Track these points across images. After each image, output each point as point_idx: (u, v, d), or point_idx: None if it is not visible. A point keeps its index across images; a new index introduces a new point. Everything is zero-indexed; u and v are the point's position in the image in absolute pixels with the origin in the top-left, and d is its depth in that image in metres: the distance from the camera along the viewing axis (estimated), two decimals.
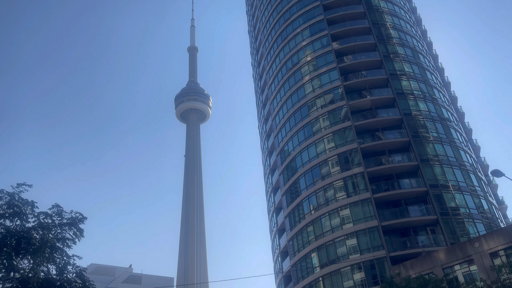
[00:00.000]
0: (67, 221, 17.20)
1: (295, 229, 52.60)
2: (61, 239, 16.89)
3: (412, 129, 50.23)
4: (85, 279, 16.52)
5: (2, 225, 16.02)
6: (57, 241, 16.69)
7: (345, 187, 48.78)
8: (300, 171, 54.23)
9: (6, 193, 16.58)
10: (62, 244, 16.87)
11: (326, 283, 46.05)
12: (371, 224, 45.05)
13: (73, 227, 17.19)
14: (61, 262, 16.47)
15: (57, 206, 17.33)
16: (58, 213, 17.21)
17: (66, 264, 16.58)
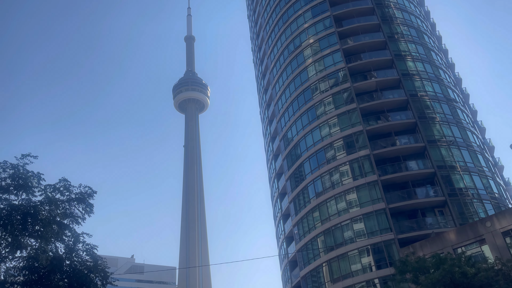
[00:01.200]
0: (75, 196, 16.21)
1: (300, 214, 51.98)
2: (70, 215, 15.96)
3: (418, 110, 49.38)
4: (97, 257, 15.63)
5: (6, 200, 15.02)
6: (65, 217, 15.72)
7: (351, 170, 48.05)
8: (304, 155, 53.43)
9: (9, 165, 15.49)
10: (71, 221, 15.94)
11: (333, 267, 45.57)
12: (378, 206, 44.43)
13: (82, 203, 16.24)
14: (70, 240, 15.59)
15: (65, 181, 16.28)
16: (66, 188, 16.17)
17: (76, 242, 15.69)
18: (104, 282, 15.64)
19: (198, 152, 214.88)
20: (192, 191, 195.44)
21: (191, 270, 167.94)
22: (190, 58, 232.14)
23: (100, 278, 15.53)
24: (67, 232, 15.46)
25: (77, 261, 15.43)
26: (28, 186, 15.19)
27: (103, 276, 15.52)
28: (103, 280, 15.65)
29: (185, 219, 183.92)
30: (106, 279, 15.70)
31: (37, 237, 14.40)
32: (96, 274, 15.32)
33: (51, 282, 14.61)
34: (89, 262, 15.58)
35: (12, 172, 15.32)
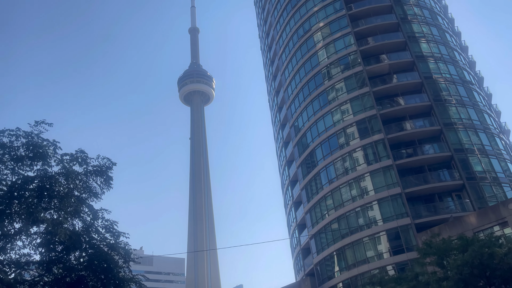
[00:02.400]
0: (93, 168, 15.19)
1: (313, 201, 51.08)
2: (88, 189, 14.93)
3: (434, 92, 48.06)
4: (118, 233, 14.56)
5: (20, 170, 13.95)
6: (83, 191, 14.69)
7: (365, 155, 46.98)
8: (316, 141, 52.37)
9: (23, 133, 14.27)
10: (89, 196, 14.92)
11: (348, 254, 44.73)
12: (394, 191, 43.39)
13: (101, 176, 15.12)
14: (89, 215, 14.60)
15: (81, 152, 15.11)
16: (83, 159, 14.98)
17: (95, 218, 14.71)
18: (126, 259, 14.65)
19: (204, 144, 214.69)
20: (199, 182, 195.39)
21: (199, 262, 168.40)
22: (195, 50, 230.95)
23: (122, 256, 14.55)
24: (84, 208, 14.47)
25: (96, 238, 14.48)
26: (43, 156, 14.03)
27: (125, 253, 14.52)
28: (125, 257, 14.67)
29: (193, 210, 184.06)
30: (128, 256, 14.67)
31: (55, 210, 13.47)
32: (117, 252, 14.34)
33: (69, 261, 13.76)
34: (110, 240, 14.61)
35: (26, 140, 14.18)
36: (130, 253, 14.99)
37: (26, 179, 13.84)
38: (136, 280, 14.97)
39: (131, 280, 14.70)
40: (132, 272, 15.13)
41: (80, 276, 13.59)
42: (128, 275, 14.63)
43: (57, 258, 13.73)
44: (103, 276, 13.78)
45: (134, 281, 14.85)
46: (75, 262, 14.08)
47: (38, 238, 13.75)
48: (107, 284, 13.85)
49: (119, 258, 14.60)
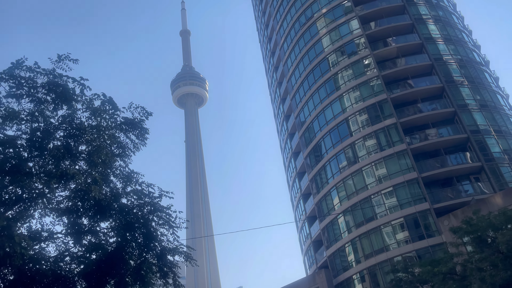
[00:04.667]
0: (124, 120, 12.79)
1: (323, 191, 49.29)
2: (119, 144, 12.65)
3: (445, 74, 46.65)
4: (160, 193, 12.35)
5: (41, 114, 11.46)
6: (115, 146, 12.47)
7: (377, 140, 45.34)
8: (324, 130, 50.63)
9: (42, 70, 11.82)
10: (122, 151, 12.74)
11: (364, 243, 42.96)
12: (409, 176, 41.77)
13: (135, 128, 12.75)
14: (121, 175, 12.39)
15: (110, 101, 12.44)
16: (113, 106, 12.53)
17: (129, 179, 12.52)
18: (171, 224, 12.39)
19: (199, 146, 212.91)
20: (195, 185, 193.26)
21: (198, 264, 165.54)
22: (187, 53, 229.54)
23: (165, 221, 12.35)
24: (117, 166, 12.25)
25: (133, 200, 12.25)
26: (69, 98, 11.62)
27: (168, 218, 12.33)
28: (169, 223, 12.42)
29: (190, 213, 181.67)
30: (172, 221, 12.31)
31: (85, 163, 11.31)
32: (159, 216, 12.19)
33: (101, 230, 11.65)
34: (148, 205, 12.26)
35: (47, 79, 11.72)
36: (174, 218, 12.74)
37: (49, 126, 11.59)
38: (182, 250, 12.79)
39: (176, 250, 12.60)
40: None
41: (115, 246, 11.49)
42: (172, 244, 12.48)
43: (88, 227, 11.59)
44: (143, 245, 11.67)
45: (179, 252, 12.72)
46: (110, 230, 11.96)
47: (64, 201, 11.57)
48: (148, 254, 11.77)
49: (162, 224, 12.46)
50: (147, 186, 12.68)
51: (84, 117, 12.27)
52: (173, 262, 12.45)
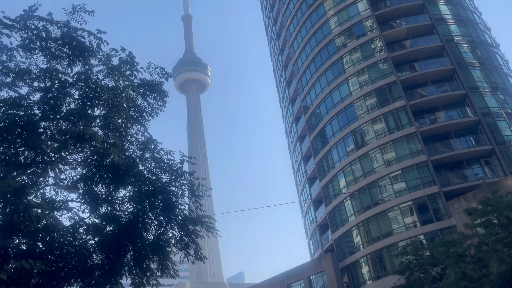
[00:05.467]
0: (140, 81, 11.89)
1: (330, 175, 48.78)
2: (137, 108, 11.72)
3: (456, 56, 45.66)
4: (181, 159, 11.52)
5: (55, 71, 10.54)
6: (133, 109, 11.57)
7: (385, 123, 44.59)
8: (331, 113, 49.85)
9: (55, 23, 10.78)
10: (139, 115, 11.85)
11: (371, 226, 42.57)
12: (419, 159, 41.15)
13: (153, 91, 11.83)
14: (136, 143, 11.61)
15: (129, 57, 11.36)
16: (129, 63, 11.48)
17: (145, 146, 11.64)
18: (193, 193, 11.68)
19: (201, 132, 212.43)
20: (197, 173, 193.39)
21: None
22: (189, 38, 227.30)
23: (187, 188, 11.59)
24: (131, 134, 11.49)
25: (152, 168, 11.39)
26: (85, 51, 10.69)
27: (190, 186, 11.59)
28: (191, 191, 11.67)
29: None
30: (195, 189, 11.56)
31: (102, 125, 10.57)
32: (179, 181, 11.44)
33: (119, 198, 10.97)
34: (168, 171, 11.47)
35: (61, 32, 10.76)
36: (197, 185, 11.94)
37: (63, 86, 10.71)
38: (205, 220, 12.00)
39: (198, 220, 11.81)
40: None
41: (133, 217, 10.85)
42: (194, 214, 11.77)
43: (104, 196, 10.91)
44: (163, 215, 11.00)
45: (201, 222, 11.95)
46: (127, 199, 11.29)
47: (79, 168, 10.89)
48: (168, 225, 11.14)
49: (182, 192, 11.71)
50: (166, 153, 11.85)
51: (101, 75, 11.37)
52: (196, 232, 11.72)
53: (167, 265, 11.47)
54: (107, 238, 10.87)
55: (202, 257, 11.73)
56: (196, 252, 11.77)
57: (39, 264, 8.58)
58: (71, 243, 10.41)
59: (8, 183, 8.37)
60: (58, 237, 10.22)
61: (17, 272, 8.49)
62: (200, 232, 11.69)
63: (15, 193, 8.86)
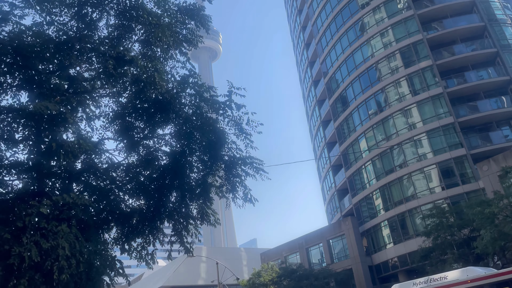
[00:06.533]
0: (178, 7, 10.62)
1: (350, 139, 47.70)
2: (177, 36, 10.42)
3: (487, 13, 43.07)
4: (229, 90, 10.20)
5: None
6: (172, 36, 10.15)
7: (411, 84, 42.88)
8: (353, 75, 48.14)
9: None
10: (180, 43, 10.72)
11: (394, 190, 41.78)
12: (445, 121, 39.67)
13: (192, 17, 10.68)
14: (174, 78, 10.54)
15: None
16: None
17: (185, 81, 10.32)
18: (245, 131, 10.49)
19: None
20: None
21: None
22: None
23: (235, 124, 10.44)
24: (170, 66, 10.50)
25: (197, 101, 10.17)
26: None
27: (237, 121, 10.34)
28: (239, 128, 10.48)
29: None
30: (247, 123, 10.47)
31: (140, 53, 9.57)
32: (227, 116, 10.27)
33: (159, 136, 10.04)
34: (214, 105, 10.15)
35: None
36: (247, 120, 10.67)
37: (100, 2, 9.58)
38: (253, 161, 10.75)
39: (246, 161, 10.63)
40: None
41: (176, 156, 9.99)
42: (241, 154, 10.72)
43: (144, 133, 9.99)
44: (208, 154, 10.07)
45: (250, 164, 10.77)
46: (169, 137, 10.42)
47: (118, 97, 10.00)
48: (212, 166, 10.25)
49: (230, 129, 10.60)
50: (208, 88, 10.60)
51: None
52: (246, 171, 10.69)
53: (208, 212, 10.74)
54: (146, 181, 10.14)
55: (251, 199, 10.76)
56: (245, 195, 10.81)
57: (82, 198, 7.94)
58: (108, 187, 9.71)
59: (46, 105, 7.61)
60: (94, 179, 9.54)
61: (57, 207, 7.85)
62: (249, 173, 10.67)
63: (52, 120, 8.12)
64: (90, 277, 8.24)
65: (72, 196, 7.84)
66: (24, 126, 8.68)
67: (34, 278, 7.47)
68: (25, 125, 8.63)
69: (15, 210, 7.85)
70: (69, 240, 7.52)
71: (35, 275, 7.54)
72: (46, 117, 7.92)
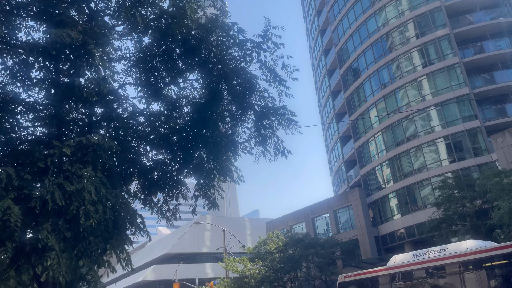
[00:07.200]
0: None
1: (361, 109, 46.86)
2: None
3: None
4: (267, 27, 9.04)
5: None
6: None
7: (425, 54, 41.59)
8: (366, 43, 46.76)
9: None
10: None
11: (404, 162, 41.27)
12: (460, 92, 38.68)
13: None
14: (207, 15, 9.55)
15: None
16: None
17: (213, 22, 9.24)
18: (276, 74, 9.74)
19: None
20: None
21: None
22: None
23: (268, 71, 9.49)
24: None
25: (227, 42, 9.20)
26: None
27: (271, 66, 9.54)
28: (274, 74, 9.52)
29: None
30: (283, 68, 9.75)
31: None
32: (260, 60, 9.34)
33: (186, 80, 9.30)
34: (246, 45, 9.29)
35: None
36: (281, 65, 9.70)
37: None
38: (287, 113, 9.81)
39: (279, 111, 9.74)
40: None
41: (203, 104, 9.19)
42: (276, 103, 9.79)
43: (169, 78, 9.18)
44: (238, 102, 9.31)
45: (282, 114, 9.84)
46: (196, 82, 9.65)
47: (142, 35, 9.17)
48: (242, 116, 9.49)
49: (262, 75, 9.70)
50: (237, 31, 9.67)
51: None
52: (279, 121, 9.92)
53: (231, 169, 10.13)
54: (169, 133, 9.50)
55: (284, 151, 10.07)
56: (276, 147, 10.09)
57: (108, 140, 7.35)
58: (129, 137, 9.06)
59: (68, 33, 6.88)
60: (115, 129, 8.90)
61: (81, 148, 7.25)
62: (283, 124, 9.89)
63: (73, 54, 7.42)
64: (116, 225, 7.75)
65: (97, 138, 7.26)
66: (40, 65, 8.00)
67: (58, 224, 6.97)
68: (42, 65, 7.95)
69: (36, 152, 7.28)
70: (94, 184, 6.99)
71: (58, 220, 7.04)
72: (66, 51, 7.20)
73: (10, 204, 6.26)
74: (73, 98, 7.97)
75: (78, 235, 7.03)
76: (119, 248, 7.90)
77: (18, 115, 8.23)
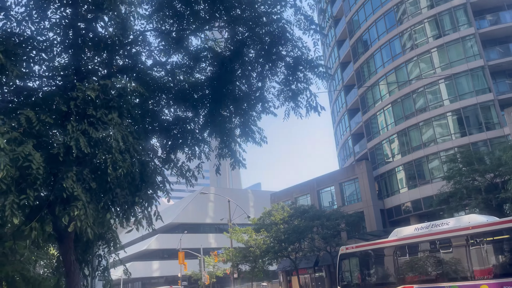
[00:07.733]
0: None
1: (370, 82, 45.97)
2: None
3: None
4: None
5: None
6: None
7: (440, 24, 40.29)
8: (377, 13, 45.32)
9: None
10: None
11: (413, 135, 40.70)
12: (474, 64, 37.67)
13: None
14: None
15: None
16: None
17: None
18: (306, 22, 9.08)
19: None
20: None
21: None
22: None
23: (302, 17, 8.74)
24: None
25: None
26: None
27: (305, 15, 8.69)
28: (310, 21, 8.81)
29: None
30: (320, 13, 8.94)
31: None
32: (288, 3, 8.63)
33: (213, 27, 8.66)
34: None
35: None
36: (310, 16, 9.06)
37: None
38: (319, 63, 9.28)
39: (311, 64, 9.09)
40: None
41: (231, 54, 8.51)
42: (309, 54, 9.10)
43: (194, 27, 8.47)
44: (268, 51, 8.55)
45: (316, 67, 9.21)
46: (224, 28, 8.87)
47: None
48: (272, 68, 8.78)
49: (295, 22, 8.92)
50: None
51: None
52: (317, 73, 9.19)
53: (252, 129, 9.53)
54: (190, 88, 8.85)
55: (319, 108, 9.44)
56: (309, 103, 9.30)
57: (136, 85, 6.77)
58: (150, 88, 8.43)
59: None
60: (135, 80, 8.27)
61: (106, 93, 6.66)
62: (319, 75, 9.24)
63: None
64: (144, 178, 7.27)
65: (123, 81, 6.68)
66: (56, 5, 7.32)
67: (82, 173, 6.49)
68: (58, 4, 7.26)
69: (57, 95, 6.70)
70: (121, 132, 6.46)
71: (83, 170, 6.55)
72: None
73: (31, 150, 5.75)
74: (92, 44, 7.34)
75: (104, 186, 6.56)
76: (147, 202, 7.44)
77: (31, 63, 7.61)
